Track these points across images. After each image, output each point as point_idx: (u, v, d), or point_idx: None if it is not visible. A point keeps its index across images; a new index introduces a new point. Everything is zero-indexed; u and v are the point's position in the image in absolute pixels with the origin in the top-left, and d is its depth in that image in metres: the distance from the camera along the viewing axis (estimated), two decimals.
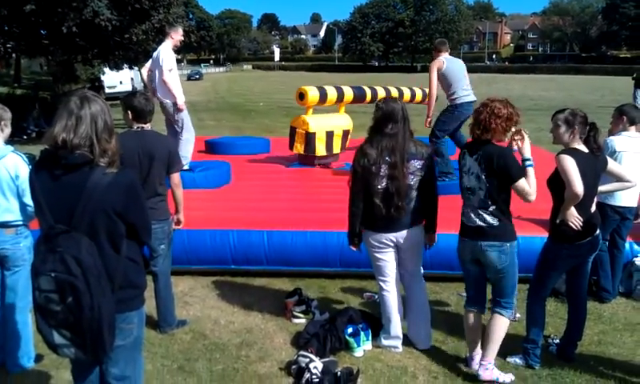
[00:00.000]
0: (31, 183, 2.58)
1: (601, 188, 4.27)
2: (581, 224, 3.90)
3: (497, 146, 3.77)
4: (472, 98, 7.45)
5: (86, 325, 2.40)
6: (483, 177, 3.76)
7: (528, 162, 3.79)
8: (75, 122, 2.46)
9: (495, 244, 3.81)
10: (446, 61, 7.48)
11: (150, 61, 7.77)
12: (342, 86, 9.92)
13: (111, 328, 2.52)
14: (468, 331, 4.17)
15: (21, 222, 3.88)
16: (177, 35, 7.53)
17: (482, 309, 4.14)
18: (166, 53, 7.30)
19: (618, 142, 5.11)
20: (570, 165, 3.80)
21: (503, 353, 4.15)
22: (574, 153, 3.89)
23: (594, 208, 4.04)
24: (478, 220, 3.82)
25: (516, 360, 4.23)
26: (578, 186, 3.75)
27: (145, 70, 7.97)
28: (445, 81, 7.46)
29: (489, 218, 3.80)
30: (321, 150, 9.17)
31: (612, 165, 4.23)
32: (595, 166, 3.98)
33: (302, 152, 9.23)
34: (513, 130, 3.79)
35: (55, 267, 2.36)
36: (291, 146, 9.35)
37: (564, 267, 4.18)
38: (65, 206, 2.46)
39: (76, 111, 2.47)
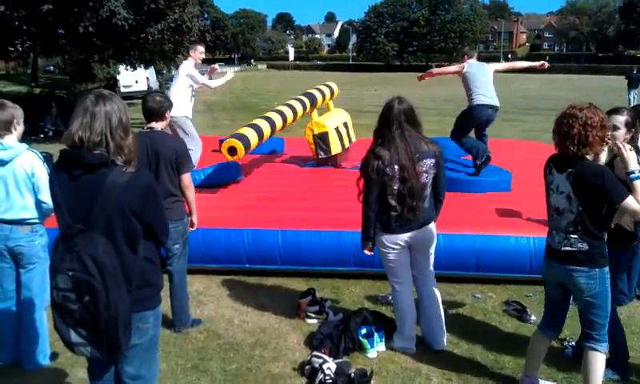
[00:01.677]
0: (51, 183, 2.61)
1: None
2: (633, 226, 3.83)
3: (592, 163, 3.35)
4: (493, 102, 7.56)
5: (102, 324, 2.42)
6: (575, 198, 3.35)
7: (634, 175, 3.30)
8: (90, 119, 2.48)
9: (583, 269, 3.40)
10: (468, 66, 7.72)
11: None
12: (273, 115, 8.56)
13: (127, 327, 2.53)
14: (530, 352, 3.85)
15: (37, 220, 3.91)
16: (195, 53, 8.21)
17: (553, 335, 3.82)
18: (192, 71, 8.06)
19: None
20: None
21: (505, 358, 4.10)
22: None
23: None
24: (565, 244, 3.43)
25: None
26: None
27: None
28: (465, 83, 7.70)
29: (578, 243, 3.39)
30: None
31: None
32: None
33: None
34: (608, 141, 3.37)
35: (73, 266, 2.38)
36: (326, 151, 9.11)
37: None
38: (83, 205, 2.48)
39: (91, 108, 2.49)
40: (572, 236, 3.41)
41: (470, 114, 7.63)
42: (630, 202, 3.25)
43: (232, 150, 7.03)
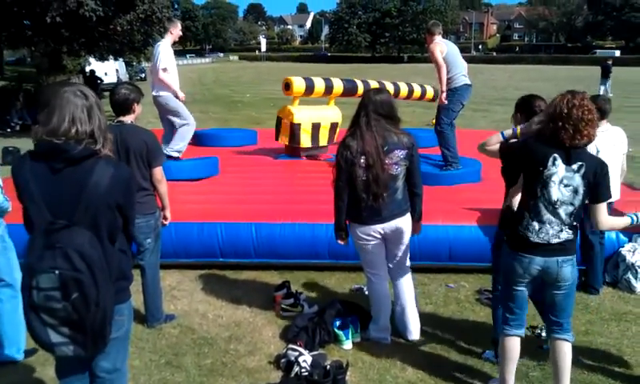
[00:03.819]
0: (21, 177, 2.48)
1: None
2: None
3: (595, 156, 3.41)
4: (469, 81, 7.37)
5: (91, 319, 2.38)
6: (582, 192, 3.27)
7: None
8: (87, 113, 2.46)
9: (570, 258, 3.37)
10: (446, 46, 7.29)
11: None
12: (332, 79, 9.65)
13: (111, 322, 2.52)
14: (512, 359, 3.57)
15: None
16: (176, 30, 7.57)
17: (524, 330, 3.63)
18: (163, 51, 7.36)
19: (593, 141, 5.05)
20: None
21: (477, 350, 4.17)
22: None
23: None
24: (557, 236, 3.32)
25: (489, 356, 4.17)
26: None
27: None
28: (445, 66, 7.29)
29: (567, 234, 3.34)
30: (305, 141, 9.04)
31: None
32: None
33: (286, 143, 9.15)
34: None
35: (57, 264, 2.32)
36: (277, 137, 9.24)
37: None
38: (66, 199, 2.42)
39: (85, 103, 2.47)
40: (565, 227, 3.33)
41: (457, 97, 7.25)
42: (604, 206, 3.33)
43: (287, 86, 8.79)
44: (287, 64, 79.17)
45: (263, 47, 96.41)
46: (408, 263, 4.44)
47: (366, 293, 4.83)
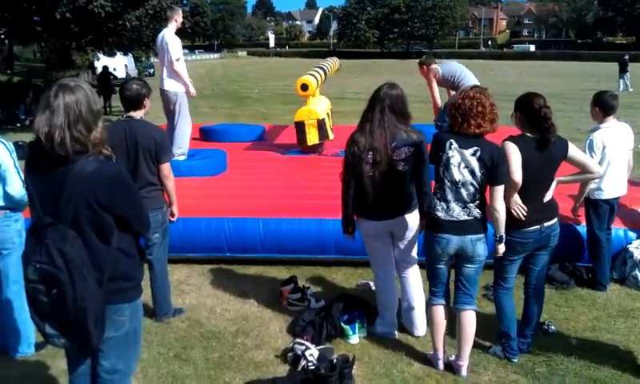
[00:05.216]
0: (26, 174, 2.58)
1: (561, 178, 4.27)
2: (525, 212, 3.86)
3: (492, 142, 3.71)
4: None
5: (71, 317, 2.39)
6: (480, 173, 3.64)
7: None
8: (49, 113, 2.40)
9: (481, 236, 3.76)
10: (440, 67, 7.71)
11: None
12: (322, 66, 10.20)
13: (98, 320, 2.48)
14: (440, 325, 4.03)
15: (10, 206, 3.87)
16: (179, 18, 7.48)
17: (448, 301, 4.10)
18: (171, 40, 7.27)
19: (599, 137, 5.06)
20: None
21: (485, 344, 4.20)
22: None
23: (548, 197, 3.99)
24: (464, 214, 3.71)
25: (496, 351, 4.22)
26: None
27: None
28: (448, 82, 7.66)
29: (475, 211, 3.72)
30: (330, 134, 9.05)
31: (573, 151, 4.05)
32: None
33: (317, 142, 8.90)
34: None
35: (41, 258, 2.35)
36: (302, 142, 8.93)
37: (516, 255, 4.01)
38: (51, 197, 2.45)
39: (51, 102, 2.41)
40: (470, 205, 3.71)
41: None
42: (501, 189, 3.70)
43: (304, 87, 8.69)
44: (296, 60, 79.10)
45: (272, 43, 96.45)
46: (415, 259, 4.44)
47: (373, 288, 4.85)
